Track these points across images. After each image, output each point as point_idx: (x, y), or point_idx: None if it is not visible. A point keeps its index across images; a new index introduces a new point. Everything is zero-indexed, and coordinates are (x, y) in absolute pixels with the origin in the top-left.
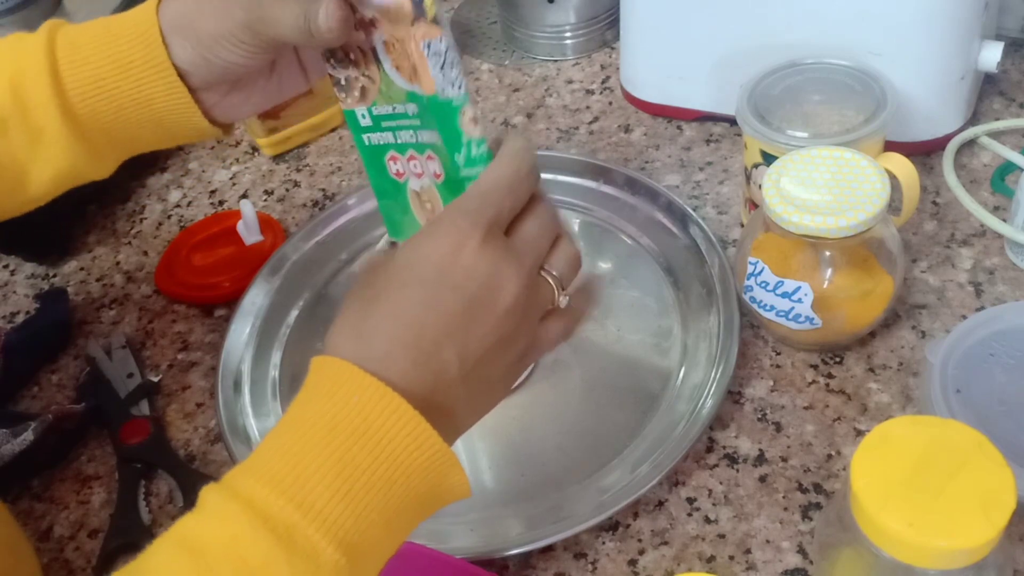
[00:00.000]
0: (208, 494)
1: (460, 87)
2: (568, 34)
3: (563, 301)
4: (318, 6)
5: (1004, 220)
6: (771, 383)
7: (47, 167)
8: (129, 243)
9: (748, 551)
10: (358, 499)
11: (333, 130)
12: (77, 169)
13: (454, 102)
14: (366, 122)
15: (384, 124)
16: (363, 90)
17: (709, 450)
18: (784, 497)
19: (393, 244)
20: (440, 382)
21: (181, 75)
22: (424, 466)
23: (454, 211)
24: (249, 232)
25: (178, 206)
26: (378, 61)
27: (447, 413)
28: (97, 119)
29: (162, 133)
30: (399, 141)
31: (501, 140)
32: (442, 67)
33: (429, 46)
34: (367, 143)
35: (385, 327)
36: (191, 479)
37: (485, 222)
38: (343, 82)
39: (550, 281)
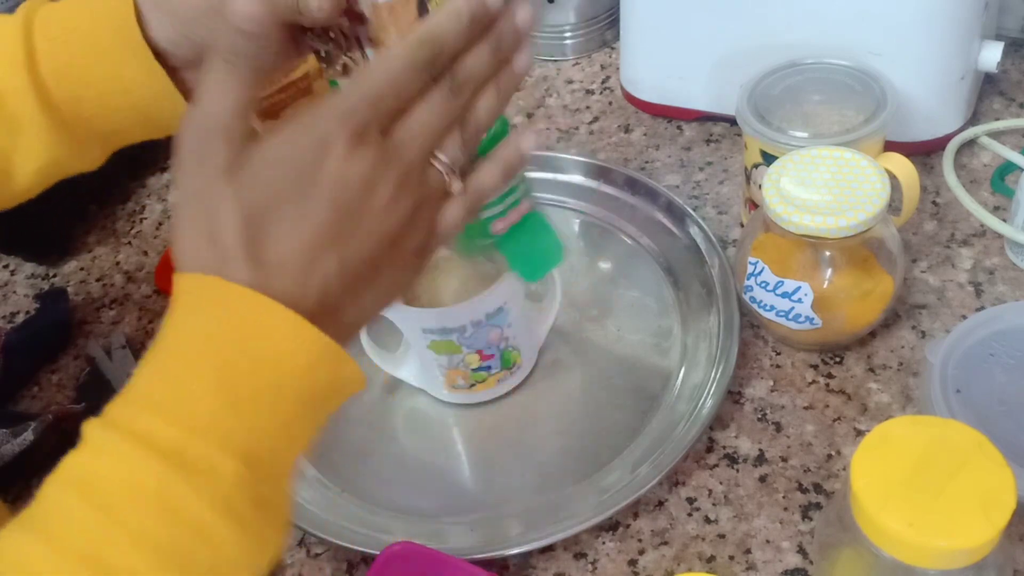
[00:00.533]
0: (90, 430)
1: None
2: (568, 34)
3: (456, 187)
4: None
5: (1004, 220)
6: (771, 383)
7: (29, 158)
8: (129, 243)
9: (748, 551)
10: (246, 408)
11: None
12: (61, 160)
13: None
14: None
15: None
16: (345, 67)
17: (709, 450)
18: (784, 497)
19: None
20: (321, 290)
21: (161, 55)
22: (310, 364)
23: (323, 111)
24: None
25: None
26: (362, 48)
27: (330, 312)
28: (77, 106)
29: (146, 121)
30: None
31: None
32: None
33: None
34: None
35: (247, 232)
36: None
37: (353, 125)
38: (323, 54)
39: (439, 168)
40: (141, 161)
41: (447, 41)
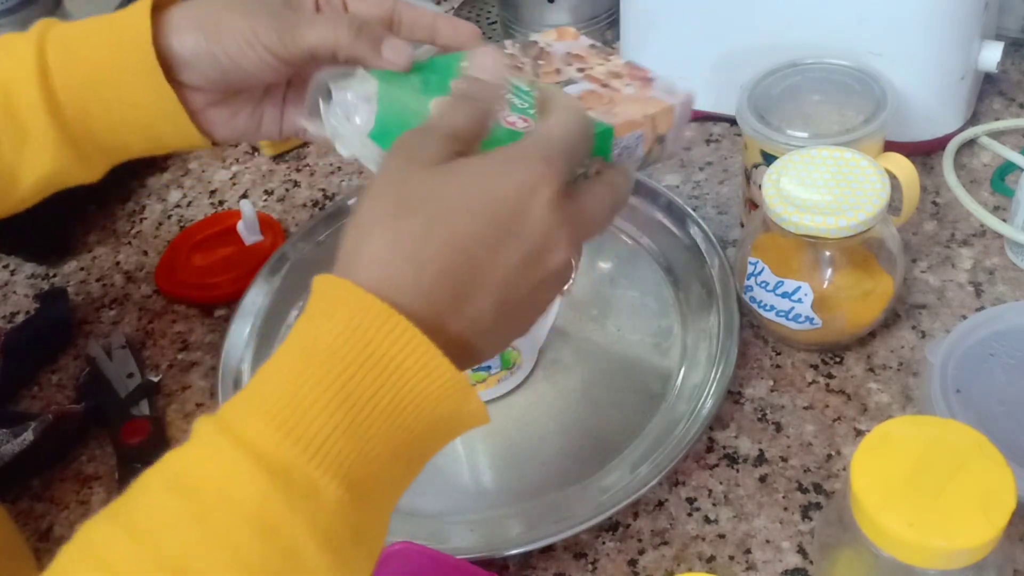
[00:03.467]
0: (201, 426)
1: None
2: None
3: (572, 287)
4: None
5: (1004, 220)
6: (771, 383)
7: (34, 169)
8: (129, 243)
9: (748, 551)
10: (361, 431)
11: None
12: (64, 172)
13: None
14: None
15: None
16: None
17: (709, 450)
18: (784, 497)
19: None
20: (470, 328)
21: (176, 70)
22: (434, 394)
23: (530, 153)
24: (249, 232)
25: (178, 206)
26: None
27: (463, 345)
28: (86, 122)
29: (151, 138)
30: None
31: (545, 97)
32: None
33: None
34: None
35: (427, 251)
36: None
37: (561, 172)
38: None
39: (574, 263)
40: (141, 161)
41: None
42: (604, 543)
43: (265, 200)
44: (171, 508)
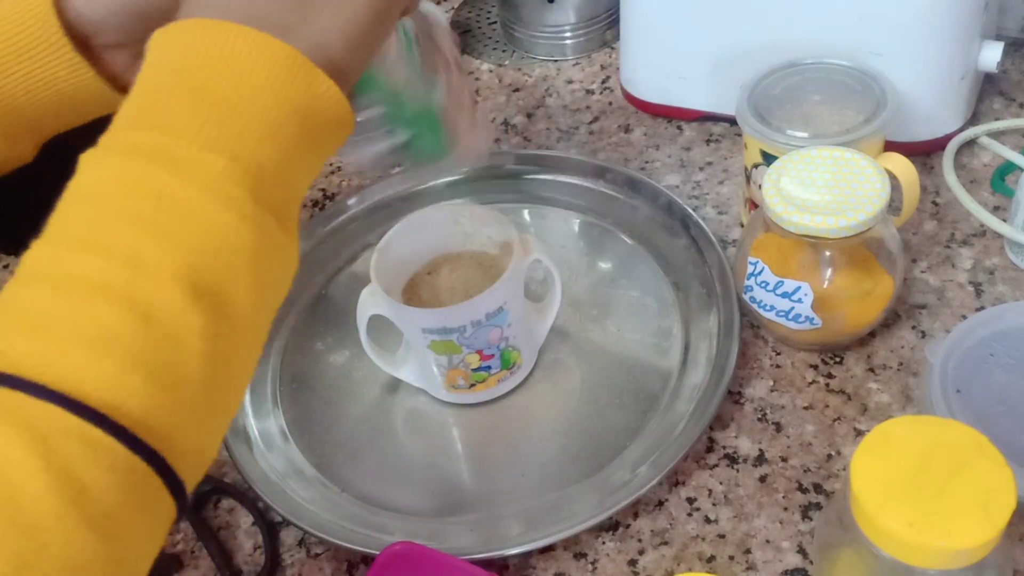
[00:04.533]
0: (80, 159)
1: None
2: (568, 34)
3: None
4: None
5: (1004, 220)
6: (771, 383)
7: None
8: None
9: (748, 551)
10: (226, 116)
11: None
12: None
13: None
14: None
15: None
16: None
17: (709, 450)
18: (784, 497)
19: None
20: (319, 31)
21: (90, 35)
22: (278, 74)
23: None
24: None
25: None
26: None
27: (323, 61)
28: (7, 102)
29: (76, 111)
30: None
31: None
32: None
33: None
34: None
35: None
36: None
37: None
38: None
39: None
40: None
41: None
42: (604, 543)
43: None
44: (67, 210)
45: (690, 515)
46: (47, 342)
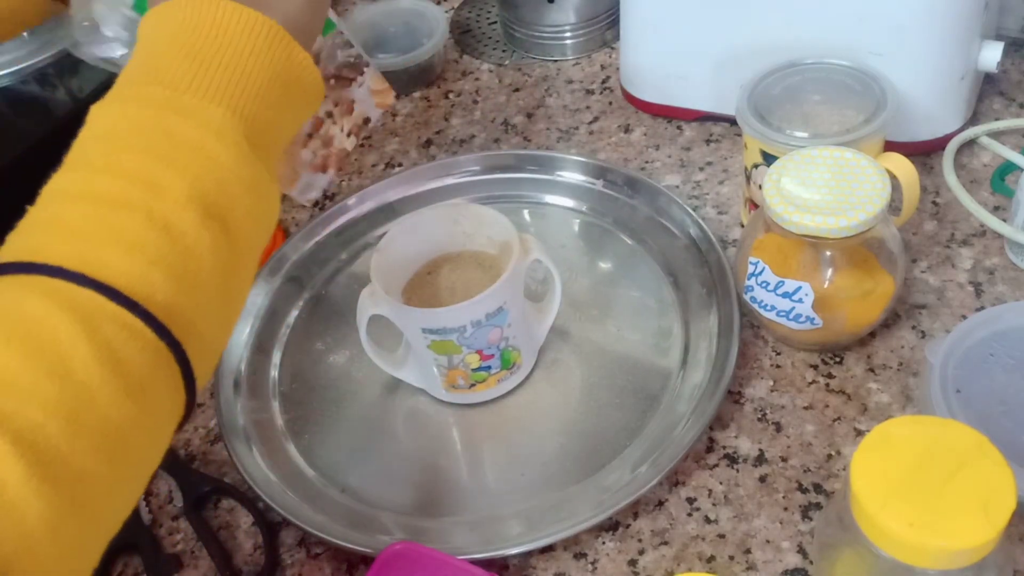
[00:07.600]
0: (89, 112)
1: None
2: (568, 34)
3: None
4: None
5: (1004, 220)
6: (771, 383)
7: None
8: None
9: (748, 551)
10: (219, 75)
11: None
12: None
13: None
14: None
15: None
16: None
17: (709, 450)
18: (784, 497)
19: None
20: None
21: None
22: (265, 44)
23: None
24: None
25: None
26: None
27: (294, 27)
28: None
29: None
30: None
31: None
32: None
33: None
34: None
35: None
36: (191, 479)
37: None
38: None
39: None
40: None
41: None
42: (604, 543)
43: None
44: (81, 145)
45: (690, 515)
46: (80, 244)
